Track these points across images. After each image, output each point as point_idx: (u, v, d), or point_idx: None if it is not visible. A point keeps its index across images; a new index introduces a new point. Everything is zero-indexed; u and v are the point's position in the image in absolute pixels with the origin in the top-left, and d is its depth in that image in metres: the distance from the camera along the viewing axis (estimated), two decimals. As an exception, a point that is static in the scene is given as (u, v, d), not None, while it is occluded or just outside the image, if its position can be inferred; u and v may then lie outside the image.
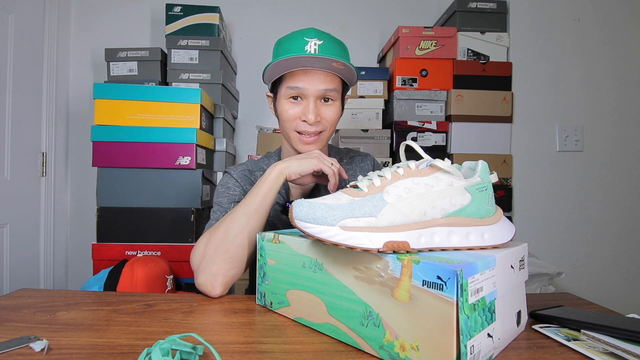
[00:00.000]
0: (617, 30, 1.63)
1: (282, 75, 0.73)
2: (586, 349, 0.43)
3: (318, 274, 0.49)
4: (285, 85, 0.72)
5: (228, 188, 0.82)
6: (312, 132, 0.73)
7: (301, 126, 0.73)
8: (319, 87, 0.71)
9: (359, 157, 0.93)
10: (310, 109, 0.71)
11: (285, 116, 0.74)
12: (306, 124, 0.73)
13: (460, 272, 0.34)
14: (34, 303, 0.60)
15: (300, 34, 0.71)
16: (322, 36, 0.71)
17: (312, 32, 0.71)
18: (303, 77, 0.70)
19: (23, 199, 1.46)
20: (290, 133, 0.75)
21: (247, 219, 0.63)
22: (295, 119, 0.73)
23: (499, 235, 0.46)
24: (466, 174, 0.49)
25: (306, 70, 0.70)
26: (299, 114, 0.73)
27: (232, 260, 0.63)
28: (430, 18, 1.78)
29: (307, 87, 0.71)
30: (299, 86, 0.71)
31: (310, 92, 0.71)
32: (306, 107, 0.72)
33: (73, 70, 1.70)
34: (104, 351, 0.43)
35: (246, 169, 0.86)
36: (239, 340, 0.47)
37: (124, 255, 1.22)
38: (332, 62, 0.68)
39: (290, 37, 0.72)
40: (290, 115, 0.73)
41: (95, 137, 1.22)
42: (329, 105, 0.74)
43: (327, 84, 0.71)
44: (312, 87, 0.71)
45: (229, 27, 1.75)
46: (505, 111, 1.54)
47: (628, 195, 1.62)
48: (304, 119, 0.72)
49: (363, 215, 0.41)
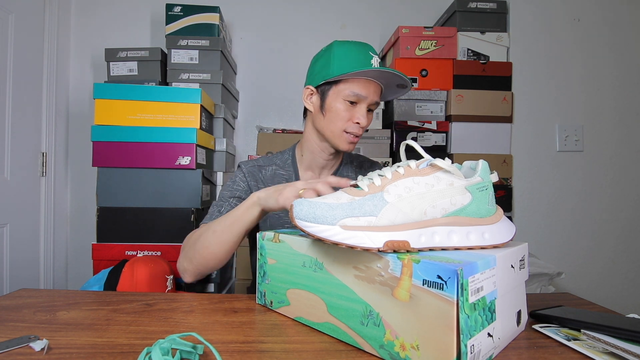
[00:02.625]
0: (617, 31, 1.63)
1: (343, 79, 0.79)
2: (586, 348, 0.43)
3: (318, 273, 0.49)
4: (349, 88, 0.78)
5: (234, 182, 0.87)
6: (360, 133, 0.82)
7: (351, 127, 0.80)
8: (375, 98, 0.80)
9: (367, 163, 0.98)
10: (364, 114, 0.80)
11: (342, 115, 0.80)
12: (357, 126, 0.80)
13: (460, 272, 0.34)
14: (34, 303, 0.60)
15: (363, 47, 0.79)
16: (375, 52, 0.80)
17: (373, 49, 0.80)
18: (368, 86, 0.79)
19: (23, 199, 1.46)
20: (337, 130, 0.81)
21: (214, 238, 0.70)
22: (347, 120, 0.80)
23: (499, 234, 0.46)
24: (466, 173, 0.49)
25: (369, 81, 0.79)
26: (351, 116, 0.80)
27: (198, 264, 0.72)
28: (430, 18, 1.78)
29: (368, 96, 0.79)
30: (362, 94, 0.78)
31: (368, 101, 0.79)
32: (361, 112, 0.80)
33: (73, 70, 1.70)
34: (104, 351, 0.43)
35: (256, 164, 0.91)
36: (239, 339, 0.47)
37: (124, 255, 1.22)
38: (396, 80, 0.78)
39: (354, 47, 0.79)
40: (345, 115, 0.80)
41: (95, 137, 1.22)
42: (370, 114, 0.83)
43: (378, 96, 0.82)
44: (371, 97, 0.79)
45: (229, 27, 1.75)
46: (505, 111, 1.54)
47: (628, 195, 1.62)
48: (358, 121, 0.79)
49: (363, 214, 0.41)
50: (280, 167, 0.90)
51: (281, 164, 0.91)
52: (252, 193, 0.67)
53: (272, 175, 0.89)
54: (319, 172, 0.90)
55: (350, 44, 0.80)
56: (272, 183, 0.88)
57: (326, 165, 0.89)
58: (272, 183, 0.88)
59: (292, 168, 0.90)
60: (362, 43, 0.80)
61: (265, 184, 0.88)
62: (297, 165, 0.90)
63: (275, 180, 0.89)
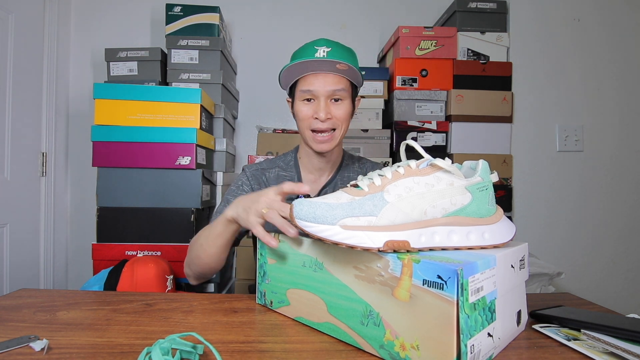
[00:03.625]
0: (617, 31, 1.63)
1: (297, 80, 0.81)
2: (586, 348, 0.43)
3: (318, 273, 0.49)
4: (299, 89, 0.80)
5: (238, 187, 0.88)
6: (325, 129, 0.80)
7: (314, 124, 0.80)
8: (327, 87, 0.78)
9: (370, 164, 0.98)
10: (321, 107, 0.78)
11: (301, 115, 0.81)
12: (318, 121, 0.79)
13: (460, 272, 0.34)
14: (34, 303, 0.60)
15: (311, 43, 0.79)
16: (331, 44, 0.78)
17: (323, 41, 0.79)
18: (313, 80, 0.78)
19: (23, 199, 1.46)
20: (305, 132, 0.82)
21: (202, 251, 0.72)
22: (309, 118, 0.80)
23: (500, 234, 0.46)
24: (467, 173, 0.49)
25: (316, 74, 0.78)
26: (311, 112, 0.80)
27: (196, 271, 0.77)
28: (430, 18, 1.78)
29: (317, 88, 0.78)
30: (310, 89, 0.78)
31: (321, 93, 0.78)
32: (317, 106, 0.79)
33: (73, 70, 1.70)
34: (104, 350, 0.43)
35: (260, 168, 0.91)
36: (239, 339, 0.47)
37: (124, 255, 1.22)
38: (337, 64, 0.75)
39: (303, 47, 0.81)
40: (305, 114, 0.80)
41: (95, 137, 1.22)
42: (339, 104, 0.80)
43: (335, 84, 0.78)
44: (322, 88, 0.78)
45: (229, 27, 1.75)
46: (505, 111, 1.54)
47: (628, 195, 1.62)
48: (316, 116, 0.79)
49: (363, 214, 0.41)
50: (283, 169, 0.90)
51: (284, 166, 0.91)
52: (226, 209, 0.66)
53: (276, 177, 0.89)
54: (319, 174, 0.90)
55: (301, 47, 0.81)
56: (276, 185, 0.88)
57: (323, 168, 0.89)
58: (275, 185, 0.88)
59: (294, 170, 0.90)
60: (312, 41, 0.80)
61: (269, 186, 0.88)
62: (299, 167, 0.90)
63: (279, 182, 0.89)
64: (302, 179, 0.90)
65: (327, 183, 0.89)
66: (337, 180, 0.90)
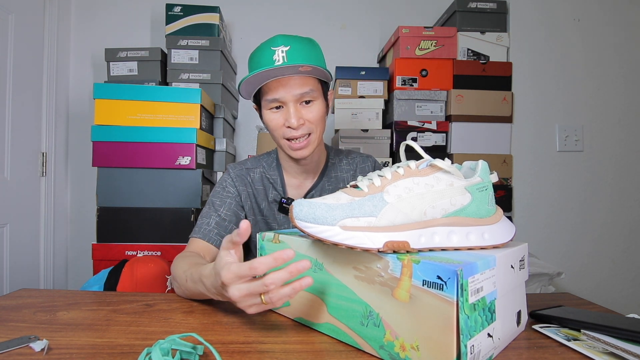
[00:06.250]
0: (618, 30, 1.63)
1: (260, 88, 0.75)
2: (586, 349, 0.43)
3: (318, 273, 0.49)
4: (264, 98, 0.75)
5: (223, 188, 0.85)
6: (299, 136, 0.75)
7: (288, 132, 0.75)
8: (294, 92, 0.72)
9: (359, 158, 0.93)
10: (291, 114, 0.72)
11: (272, 126, 0.76)
12: (291, 129, 0.74)
13: (460, 272, 0.34)
14: (34, 303, 0.60)
15: (267, 44, 0.73)
16: (289, 41, 0.72)
17: (279, 39, 0.72)
18: (277, 86, 0.72)
19: (23, 199, 1.46)
20: (280, 141, 0.77)
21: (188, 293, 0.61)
22: (281, 127, 0.75)
23: (499, 235, 0.46)
24: (466, 173, 0.49)
25: (279, 79, 0.72)
26: (282, 121, 0.74)
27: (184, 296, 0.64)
28: (430, 18, 1.78)
29: (283, 95, 0.72)
30: (275, 97, 0.73)
31: (288, 99, 0.72)
32: (287, 113, 0.73)
33: (73, 70, 1.70)
34: (104, 351, 0.43)
35: (244, 167, 0.88)
36: (239, 340, 0.47)
37: (124, 255, 1.22)
38: (298, 67, 0.69)
39: (258, 50, 0.74)
40: (276, 124, 0.75)
41: (95, 137, 1.22)
42: (310, 107, 0.75)
43: (302, 87, 0.72)
44: (288, 94, 0.72)
45: (229, 27, 1.75)
46: (505, 111, 1.54)
47: (629, 195, 1.62)
48: (288, 124, 0.73)
49: (363, 215, 0.41)
50: (266, 170, 0.87)
51: (267, 167, 0.88)
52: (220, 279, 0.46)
53: (260, 177, 0.87)
54: (303, 178, 0.86)
55: (257, 48, 0.75)
56: (261, 186, 0.86)
57: (307, 171, 0.85)
58: (260, 186, 0.86)
59: (276, 172, 0.87)
60: (267, 41, 0.74)
61: (254, 186, 0.86)
62: (281, 169, 0.87)
63: (264, 183, 0.87)
64: (285, 183, 0.86)
65: (313, 187, 0.86)
66: (323, 183, 0.87)
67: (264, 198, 0.86)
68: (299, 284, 0.42)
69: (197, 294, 0.58)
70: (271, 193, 0.86)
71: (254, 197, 0.86)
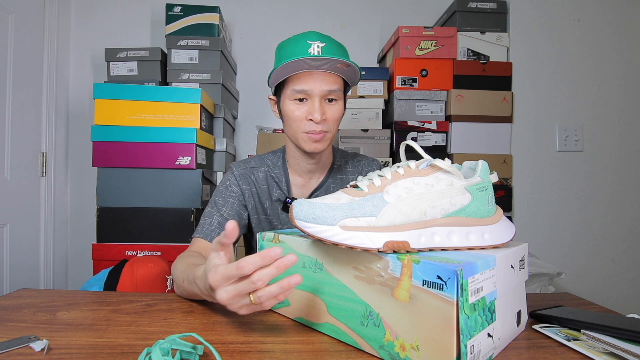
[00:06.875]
0: (618, 30, 1.63)
1: (286, 78, 0.74)
2: (586, 349, 0.43)
3: (318, 273, 0.49)
4: (290, 87, 0.74)
5: (227, 187, 0.85)
6: (319, 131, 0.75)
7: (308, 126, 0.75)
8: (323, 87, 0.72)
9: (365, 161, 0.94)
10: (316, 109, 0.72)
11: (293, 117, 0.75)
12: (313, 123, 0.74)
13: (460, 272, 0.34)
14: (34, 303, 0.60)
15: (302, 37, 0.73)
16: (324, 39, 0.72)
17: (314, 35, 0.72)
18: (308, 79, 0.72)
19: (23, 199, 1.46)
20: (297, 134, 0.76)
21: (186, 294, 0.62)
22: (302, 120, 0.75)
23: (499, 235, 0.46)
24: (466, 173, 0.49)
25: (312, 72, 0.72)
26: (305, 114, 0.74)
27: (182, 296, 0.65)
28: (430, 18, 1.78)
29: (312, 88, 0.72)
30: (304, 88, 0.72)
31: (316, 93, 0.73)
32: (312, 106, 0.73)
33: (73, 70, 1.70)
34: (104, 351, 0.43)
35: (248, 166, 0.88)
36: (239, 340, 0.47)
37: (124, 255, 1.22)
38: (337, 63, 0.69)
39: (293, 40, 0.74)
40: (297, 115, 0.75)
41: (95, 137, 1.22)
42: (333, 105, 0.75)
43: (331, 84, 0.73)
44: (317, 88, 0.72)
45: (229, 27, 1.75)
46: (505, 111, 1.54)
47: (629, 195, 1.62)
48: (311, 117, 0.73)
49: (363, 215, 0.41)
50: (271, 169, 0.87)
51: (272, 165, 0.87)
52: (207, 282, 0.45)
53: (264, 176, 0.86)
54: (308, 177, 0.86)
55: (290, 39, 0.74)
56: (265, 185, 0.86)
57: (313, 170, 0.85)
58: (264, 185, 0.86)
59: (282, 170, 0.86)
60: (301, 34, 0.73)
61: (258, 185, 0.86)
62: (287, 168, 0.87)
63: (268, 182, 0.86)
64: (290, 182, 0.86)
65: (318, 187, 0.86)
66: (329, 184, 0.86)
67: (268, 197, 0.86)
68: (287, 282, 0.41)
69: (194, 295, 0.58)
70: (275, 192, 0.86)
71: (257, 196, 0.86)
